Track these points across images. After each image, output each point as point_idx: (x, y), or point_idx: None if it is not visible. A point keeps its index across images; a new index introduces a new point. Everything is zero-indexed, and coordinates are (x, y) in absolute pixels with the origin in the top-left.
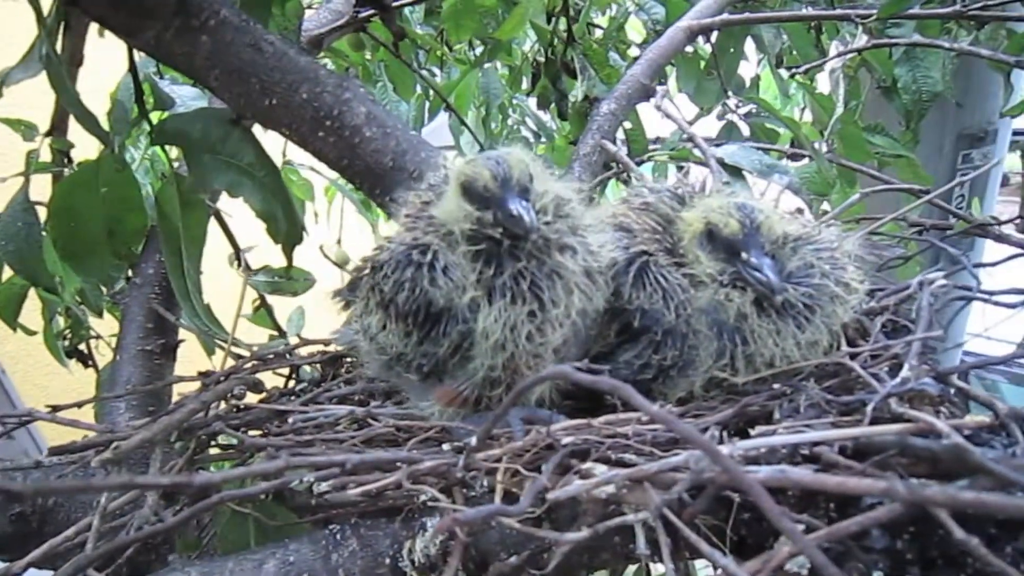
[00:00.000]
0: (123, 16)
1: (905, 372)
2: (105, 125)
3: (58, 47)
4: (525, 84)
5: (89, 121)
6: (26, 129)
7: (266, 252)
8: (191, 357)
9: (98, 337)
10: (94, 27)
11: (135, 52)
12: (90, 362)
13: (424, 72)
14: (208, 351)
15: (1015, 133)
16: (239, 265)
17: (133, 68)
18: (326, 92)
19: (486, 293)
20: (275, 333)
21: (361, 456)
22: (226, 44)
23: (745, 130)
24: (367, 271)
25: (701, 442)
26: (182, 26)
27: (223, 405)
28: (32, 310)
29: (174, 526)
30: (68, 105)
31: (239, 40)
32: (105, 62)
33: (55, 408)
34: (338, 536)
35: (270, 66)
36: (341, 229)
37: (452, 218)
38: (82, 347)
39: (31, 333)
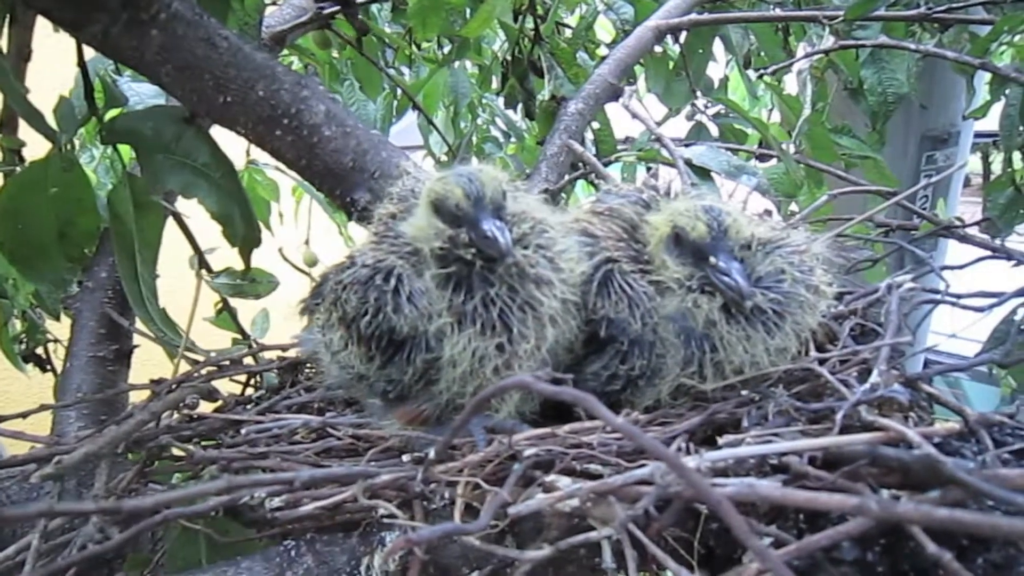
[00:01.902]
0: (69, 9)
1: (874, 378)
2: (53, 123)
3: (4, 42)
4: (495, 83)
5: (35, 119)
6: None
7: (229, 254)
8: (148, 363)
9: (56, 341)
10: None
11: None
12: (48, 366)
13: (392, 71)
14: (171, 356)
15: (977, 135)
16: (196, 268)
17: (82, 63)
18: (283, 90)
19: (455, 319)
20: (239, 336)
21: (312, 472)
22: (178, 39)
23: (714, 130)
24: (331, 282)
25: (667, 456)
26: (130, 20)
27: (175, 415)
28: None
29: (119, 546)
30: (13, 101)
31: (192, 35)
32: (66, 58)
33: None
34: (293, 552)
35: (224, 62)
36: (309, 229)
37: (422, 236)
38: (40, 351)
39: None
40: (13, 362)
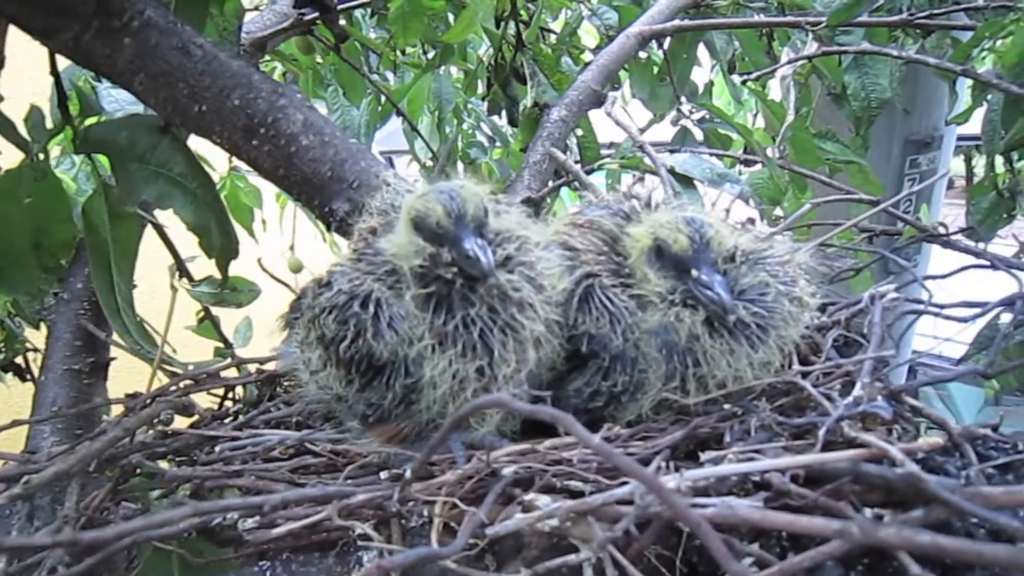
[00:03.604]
0: (38, 16)
1: (857, 391)
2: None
3: None
4: (480, 88)
5: (6, 128)
6: None
7: (210, 263)
8: (128, 373)
9: (35, 350)
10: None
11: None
12: (28, 376)
13: (375, 76)
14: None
15: (960, 139)
16: (180, 276)
17: (55, 72)
18: (260, 98)
19: (437, 341)
20: (221, 345)
21: (283, 495)
22: (151, 47)
23: (699, 135)
24: (309, 300)
25: (645, 477)
26: (102, 27)
27: (150, 431)
28: None
29: (86, 570)
30: None
31: (165, 42)
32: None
33: None
34: (268, 573)
35: (199, 70)
36: (294, 235)
37: (402, 253)
38: (19, 360)
39: None
40: None
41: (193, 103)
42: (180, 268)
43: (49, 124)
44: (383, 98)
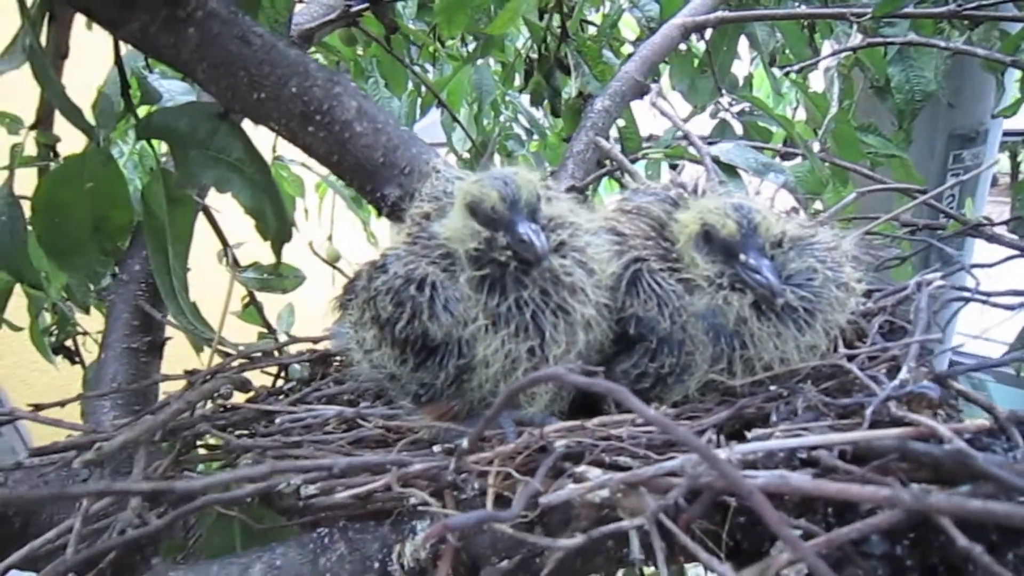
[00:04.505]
0: (109, 7)
1: (903, 375)
2: (91, 119)
3: (43, 39)
4: (518, 81)
5: (74, 114)
6: (11, 122)
7: (255, 249)
8: (178, 355)
9: (85, 333)
10: (82, 19)
11: (121, 45)
12: (77, 359)
13: (416, 68)
14: (197, 349)
15: (1005, 134)
16: (227, 262)
17: (119, 61)
18: (316, 86)
19: (490, 321)
20: (264, 330)
21: (349, 459)
22: (213, 36)
23: (738, 128)
24: (365, 280)
25: (698, 447)
26: (168, 17)
27: (209, 405)
28: (19, 306)
29: (157, 530)
30: (52, 97)
31: (227, 32)
32: (94, 55)
33: (37, 407)
34: (326, 540)
35: (259, 59)
36: (332, 225)
37: (457, 237)
38: (69, 343)
39: (17, 329)
40: (43, 354)
41: (253, 91)
42: (227, 254)
43: None
44: (422, 90)
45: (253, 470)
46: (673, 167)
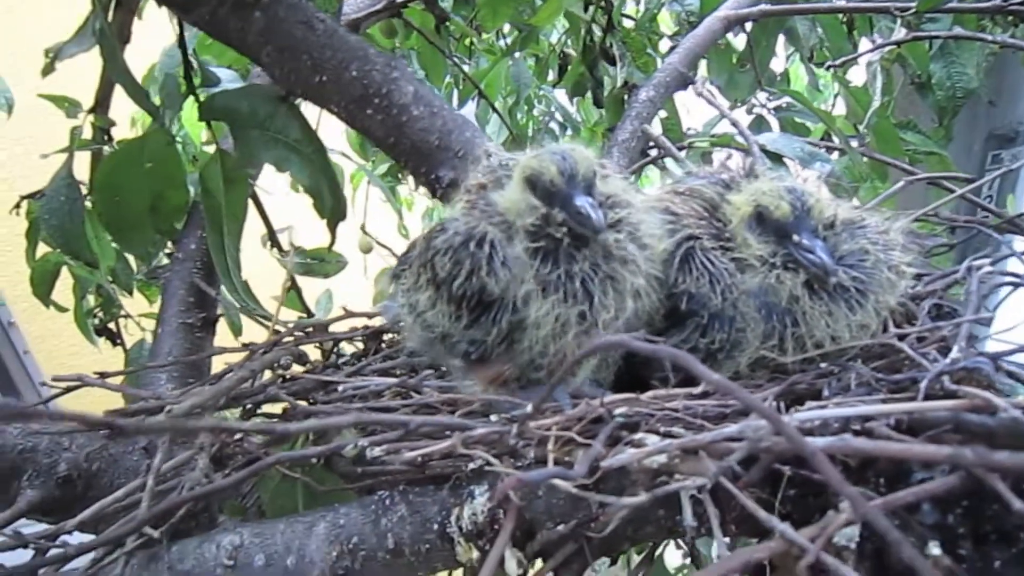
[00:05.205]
0: None
1: (955, 353)
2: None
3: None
4: (551, 75)
5: (140, 95)
6: (69, 106)
7: (297, 234)
8: (228, 332)
9: (127, 316)
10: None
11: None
12: (118, 340)
13: (455, 60)
14: (234, 331)
15: None
16: (272, 246)
17: (183, 44)
18: (375, 71)
19: (540, 287)
20: (303, 315)
21: (423, 419)
22: (279, 21)
23: (774, 125)
24: (421, 247)
25: (763, 410)
26: (237, 2)
27: (267, 375)
28: (62, 289)
29: (228, 486)
30: (119, 79)
31: (291, 17)
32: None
33: (103, 375)
34: (387, 502)
35: (321, 43)
36: (365, 215)
37: (515, 209)
38: (111, 325)
39: (63, 310)
40: (86, 335)
41: (314, 74)
42: (272, 237)
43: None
44: (460, 82)
45: (341, 418)
46: (708, 156)
